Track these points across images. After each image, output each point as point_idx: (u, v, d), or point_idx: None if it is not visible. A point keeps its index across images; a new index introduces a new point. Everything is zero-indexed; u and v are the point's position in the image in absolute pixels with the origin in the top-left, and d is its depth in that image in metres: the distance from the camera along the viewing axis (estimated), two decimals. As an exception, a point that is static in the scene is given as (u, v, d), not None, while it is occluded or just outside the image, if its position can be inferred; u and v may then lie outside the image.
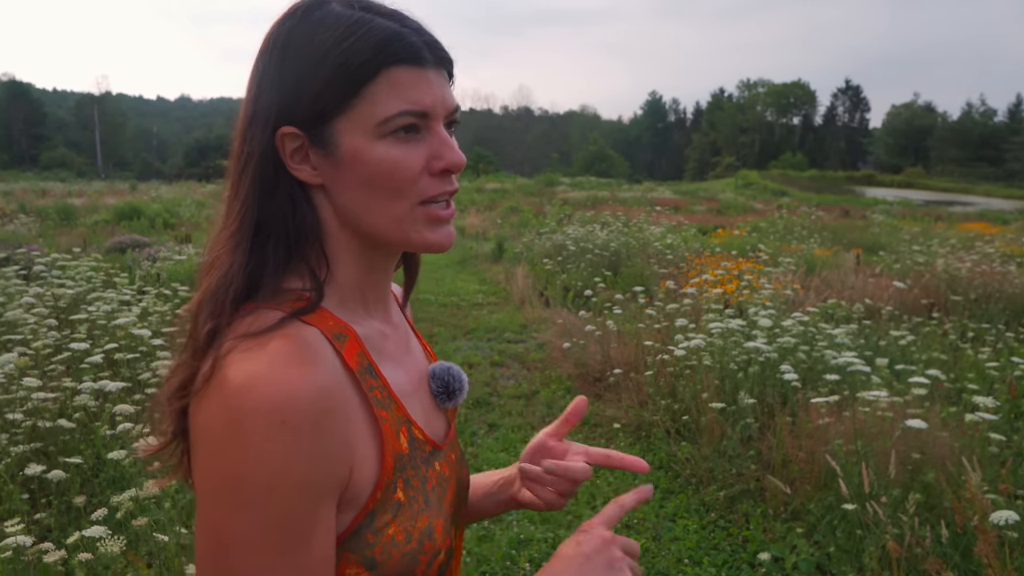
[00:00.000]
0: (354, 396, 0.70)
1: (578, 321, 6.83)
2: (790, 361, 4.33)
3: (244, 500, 0.61)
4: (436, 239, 0.75)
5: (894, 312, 6.22)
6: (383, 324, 0.81)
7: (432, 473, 0.79)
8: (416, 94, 0.70)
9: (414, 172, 0.71)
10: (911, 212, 27.62)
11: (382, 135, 0.70)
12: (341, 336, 0.71)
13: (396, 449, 0.73)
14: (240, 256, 0.71)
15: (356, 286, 0.77)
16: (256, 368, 0.62)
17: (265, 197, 0.72)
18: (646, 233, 12.80)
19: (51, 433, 3.58)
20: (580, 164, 76.76)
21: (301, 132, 0.71)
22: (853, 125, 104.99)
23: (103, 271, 7.18)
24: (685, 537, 3.58)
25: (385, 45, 0.69)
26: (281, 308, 0.69)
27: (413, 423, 0.77)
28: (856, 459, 3.03)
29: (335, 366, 0.68)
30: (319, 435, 0.63)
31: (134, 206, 19.57)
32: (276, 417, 0.61)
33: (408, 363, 0.84)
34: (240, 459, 0.61)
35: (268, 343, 0.65)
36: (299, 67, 0.69)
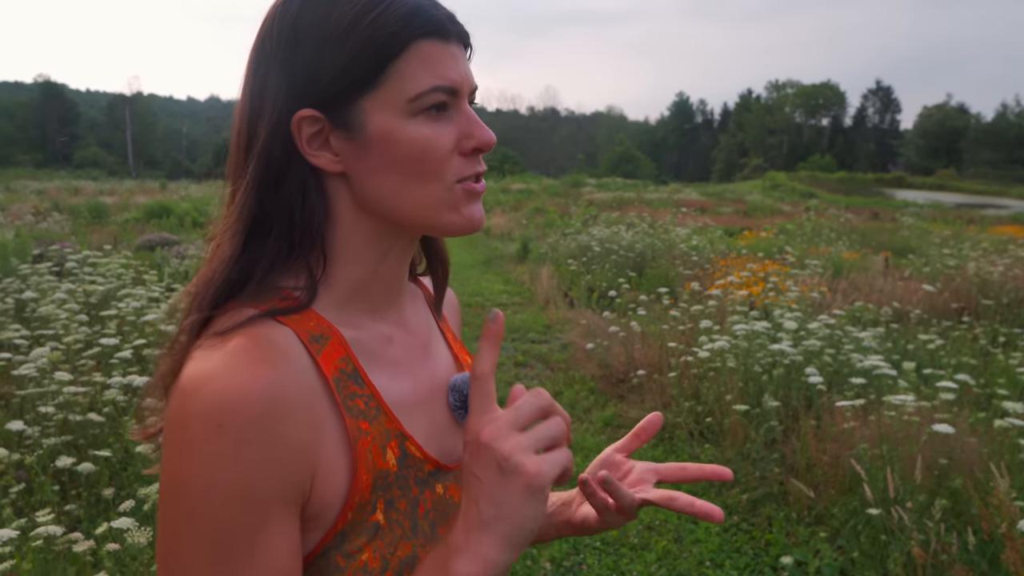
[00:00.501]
0: (325, 404, 0.64)
1: (602, 322, 6.81)
2: (815, 364, 4.29)
3: (182, 506, 0.58)
4: (473, 215, 0.70)
5: (923, 316, 6.14)
6: (392, 327, 0.75)
7: (429, 496, 0.71)
8: (444, 69, 0.66)
9: (445, 152, 0.67)
10: (942, 215, 27.19)
11: (414, 113, 0.66)
12: (321, 338, 0.66)
13: (379, 466, 0.66)
14: (233, 250, 0.67)
15: (360, 284, 0.72)
16: (206, 367, 0.59)
17: (269, 188, 0.67)
18: (672, 234, 12.74)
19: (81, 427, 3.64)
20: (606, 165, 76.56)
21: (321, 115, 0.66)
22: (883, 126, 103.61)
23: (133, 268, 7.30)
24: (707, 540, 3.56)
25: (412, 17, 0.65)
26: (261, 306, 0.65)
27: (408, 438, 0.70)
28: (881, 464, 3.00)
29: (301, 369, 0.63)
30: (264, 441, 0.58)
31: (164, 204, 19.83)
32: (213, 420, 0.57)
33: (420, 372, 0.76)
34: (179, 463, 0.58)
35: (227, 342, 0.61)
36: (317, 45, 0.64)
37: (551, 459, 0.61)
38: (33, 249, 8.52)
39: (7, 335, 4.41)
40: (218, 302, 0.67)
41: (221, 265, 0.67)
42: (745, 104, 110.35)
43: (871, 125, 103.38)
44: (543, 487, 0.59)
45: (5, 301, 5.54)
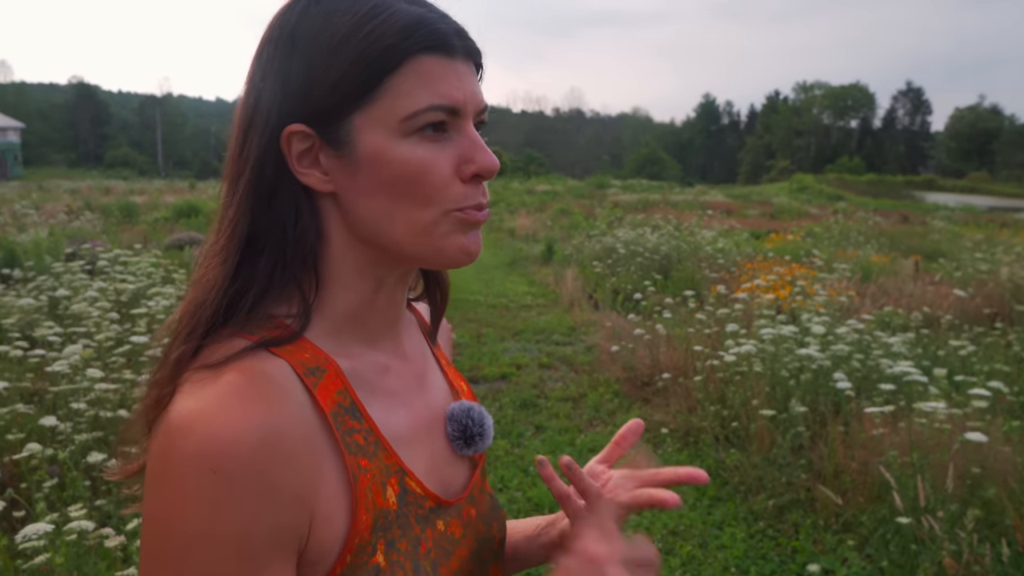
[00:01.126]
0: (323, 442, 0.60)
1: (627, 324, 6.79)
2: (844, 369, 4.24)
3: (168, 554, 0.54)
4: (468, 244, 0.66)
5: (954, 322, 6.05)
6: (389, 356, 0.71)
7: (430, 534, 0.68)
8: (445, 87, 0.62)
9: (443, 176, 0.63)
10: (974, 218, 26.75)
11: (407, 133, 0.61)
12: (317, 371, 0.62)
13: (379, 505, 0.63)
14: (225, 273, 0.62)
15: (355, 311, 0.67)
16: (197, 405, 0.55)
17: (262, 206, 0.63)
18: (697, 237, 12.67)
19: (111, 423, 3.70)
20: (631, 167, 76.37)
21: (312, 131, 0.62)
22: (914, 128, 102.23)
23: (162, 267, 7.40)
24: (732, 545, 3.53)
25: (412, 31, 0.61)
26: (252, 336, 0.61)
27: (408, 474, 0.67)
28: (911, 471, 2.96)
29: (300, 406, 0.59)
30: (261, 486, 0.54)
31: (192, 204, 20.07)
32: (207, 463, 0.53)
33: (417, 402, 0.73)
34: (167, 507, 0.54)
35: (220, 376, 0.57)
36: (310, 56, 0.61)
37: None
38: (66, 247, 8.66)
39: (41, 332, 4.48)
40: (209, 330, 0.62)
41: (212, 289, 0.63)
42: (772, 106, 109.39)
43: (901, 127, 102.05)
44: None
45: (39, 298, 5.65)
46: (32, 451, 2.94)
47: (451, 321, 0.90)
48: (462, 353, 6.89)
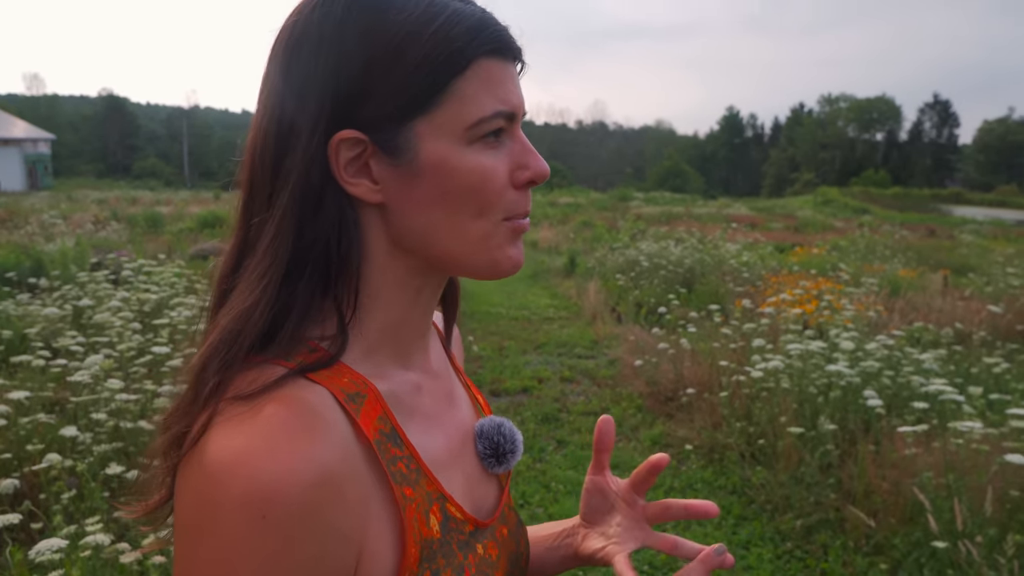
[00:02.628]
0: (368, 473, 0.56)
1: (650, 338, 6.71)
2: (874, 386, 4.14)
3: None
4: (517, 257, 0.64)
5: (986, 338, 5.90)
6: (419, 374, 0.68)
7: (472, 560, 0.65)
8: (506, 92, 0.60)
9: (501, 184, 0.61)
10: (1003, 232, 26.31)
11: (471, 140, 0.59)
12: (357, 397, 0.58)
13: (424, 535, 0.59)
14: (267, 297, 0.57)
15: (391, 328, 0.64)
16: (239, 444, 0.50)
17: (306, 223, 0.58)
18: (721, 250, 12.56)
19: (132, 434, 3.69)
20: (654, 179, 76.10)
21: (365, 137, 0.58)
22: (941, 141, 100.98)
23: (186, 277, 7.44)
24: (759, 566, 3.44)
25: (478, 31, 0.58)
26: (289, 363, 0.56)
27: (449, 499, 0.63)
28: (947, 493, 2.86)
29: (344, 437, 0.55)
30: (313, 530, 0.50)
31: (216, 214, 20.26)
32: (256, 511, 0.49)
33: (448, 422, 0.70)
34: (213, 557, 0.50)
35: (260, 410, 0.52)
36: (366, 56, 0.56)
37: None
38: (91, 257, 8.75)
39: (64, 342, 4.50)
40: (243, 356, 0.57)
41: (250, 315, 0.57)
42: (797, 118, 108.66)
43: (927, 140, 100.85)
44: None
45: (63, 308, 5.68)
46: (51, 462, 2.93)
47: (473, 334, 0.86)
48: (484, 366, 6.84)
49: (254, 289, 0.58)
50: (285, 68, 0.59)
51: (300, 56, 0.58)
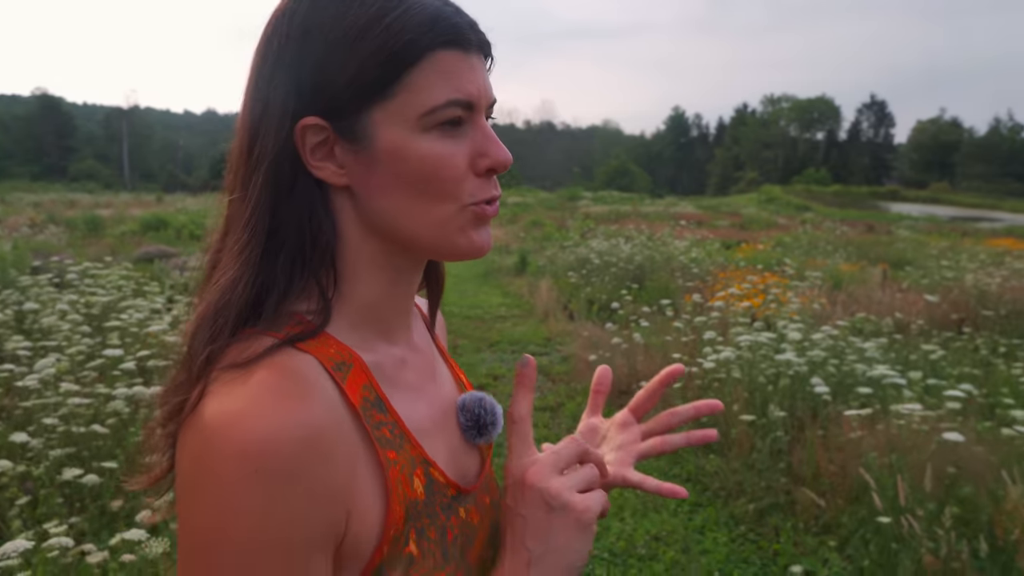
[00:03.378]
0: (355, 435, 0.60)
1: (604, 334, 6.81)
2: (820, 375, 4.30)
3: (215, 559, 0.53)
4: (480, 240, 0.67)
5: (924, 327, 6.16)
6: (404, 349, 0.72)
7: (455, 521, 0.69)
8: (462, 82, 0.62)
9: (459, 171, 0.63)
10: (937, 228, 27.33)
11: (426, 128, 0.61)
12: (343, 365, 0.62)
13: (408, 496, 0.63)
14: (247, 272, 0.61)
15: (373, 306, 0.68)
16: (233, 405, 0.54)
17: (278, 203, 0.62)
18: (670, 247, 12.78)
19: (84, 438, 3.62)
20: (602, 179, 76.83)
21: (327, 123, 0.61)
22: (878, 141, 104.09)
23: (133, 280, 7.29)
24: (715, 550, 3.55)
25: (432, 24, 0.61)
26: (277, 334, 0.60)
27: (432, 464, 0.67)
28: (890, 472, 3.01)
29: (332, 401, 0.59)
30: (303, 484, 0.54)
31: (160, 217, 19.85)
32: (250, 464, 0.52)
33: (432, 393, 0.74)
34: (210, 514, 0.53)
35: (252, 375, 0.56)
36: (327, 48, 0.60)
37: (595, 496, 0.67)
38: (32, 261, 8.50)
39: (10, 346, 4.39)
40: (236, 330, 0.61)
41: (233, 291, 0.61)
42: (741, 118, 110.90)
43: (865, 139, 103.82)
44: (591, 522, 0.65)
45: (5, 312, 5.53)
46: (2, 468, 2.87)
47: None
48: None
49: (235, 264, 0.62)
50: (261, 60, 0.64)
51: (272, 49, 0.63)
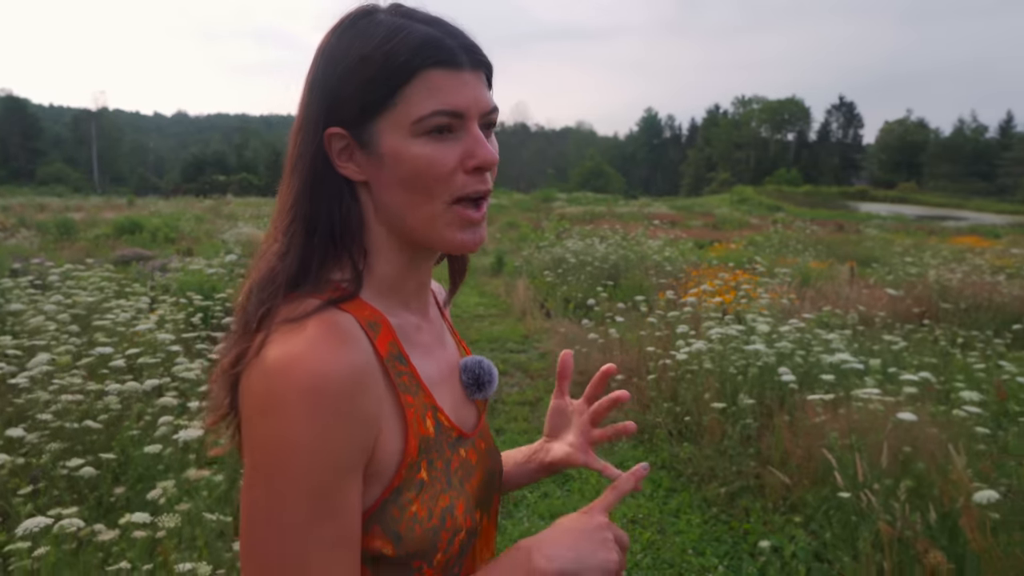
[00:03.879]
0: (383, 380, 0.74)
1: (580, 331, 7.00)
2: (787, 365, 4.51)
3: (287, 473, 0.66)
4: (466, 239, 0.79)
5: (887, 320, 6.42)
6: (419, 317, 0.86)
7: (456, 459, 0.83)
8: (450, 95, 0.74)
9: (447, 170, 0.75)
10: (904, 226, 27.93)
11: (417, 134, 0.74)
12: (375, 325, 0.76)
13: (421, 432, 0.77)
14: (290, 247, 0.77)
15: (394, 280, 0.82)
16: (294, 350, 0.67)
17: (314, 193, 0.77)
18: (644, 246, 13.01)
19: (78, 434, 3.72)
20: (576, 180, 77.19)
21: (346, 132, 0.76)
22: (847, 141, 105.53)
23: (115, 282, 7.35)
24: (688, 530, 3.74)
25: (422, 48, 0.73)
26: (321, 296, 0.74)
27: (440, 410, 0.81)
28: (850, 452, 3.21)
29: (367, 350, 0.73)
30: (349, 412, 0.68)
31: (134, 220, 19.71)
32: (310, 395, 0.65)
33: (440, 355, 0.89)
34: (279, 430, 0.66)
35: (305, 327, 0.70)
36: (343, 71, 0.75)
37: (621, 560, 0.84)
38: (10, 263, 8.51)
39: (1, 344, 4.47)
40: (283, 292, 0.75)
41: (281, 260, 0.77)
42: (713, 119, 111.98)
43: (835, 140, 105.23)
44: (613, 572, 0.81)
45: (-10, 314, 5.58)
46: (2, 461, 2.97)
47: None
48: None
49: (282, 239, 0.78)
50: (306, 83, 0.80)
51: (311, 73, 0.79)
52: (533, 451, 1.06)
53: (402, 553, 0.74)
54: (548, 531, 0.81)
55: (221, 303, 6.08)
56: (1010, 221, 37.53)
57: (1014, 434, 3.67)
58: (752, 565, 3.37)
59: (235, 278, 7.79)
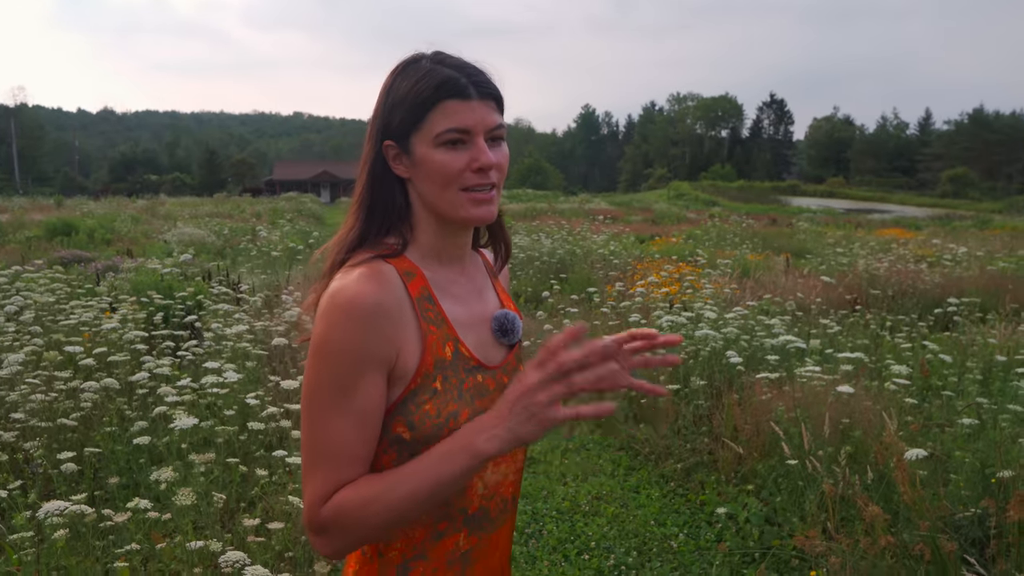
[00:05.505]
0: (411, 313, 1.02)
1: (534, 323, 7.24)
2: (734, 348, 4.83)
3: (325, 357, 0.97)
4: (476, 213, 1.06)
5: (822, 307, 6.84)
6: (456, 274, 1.13)
7: (471, 381, 1.07)
8: (460, 118, 1.02)
9: (457, 169, 1.03)
10: (834, 220, 29.06)
11: (437, 145, 1.02)
12: (410, 274, 1.05)
13: (439, 354, 1.03)
14: (357, 222, 1.09)
15: (432, 245, 1.10)
16: (343, 283, 0.99)
17: (374, 186, 1.09)
18: (589, 241, 13.35)
19: (52, 432, 3.77)
20: (516, 177, 77.40)
21: (395, 144, 1.06)
22: (778, 137, 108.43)
23: (66, 283, 7.28)
24: (649, 504, 4.02)
25: (442, 85, 1.02)
26: (374, 251, 1.06)
27: (460, 341, 1.07)
28: (796, 424, 3.52)
29: (398, 288, 1.02)
30: (371, 327, 0.97)
31: (67, 222, 19.14)
32: (344, 311, 0.96)
33: (475, 304, 1.14)
34: (325, 334, 0.97)
35: (355, 270, 1.01)
36: (394, 101, 1.06)
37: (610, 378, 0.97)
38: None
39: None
40: (351, 251, 1.08)
41: (349, 231, 1.10)
42: (649, 116, 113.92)
43: (767, 136, 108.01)
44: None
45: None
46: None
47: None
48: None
49: (351, 219, 1.11)
50: (375, 106, 1.11)
51: (378, 100, 1.10)
52: None
53: (416, 438, 1.01)
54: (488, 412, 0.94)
55: (182, 301, 6.12)
56: (930, 214, 39.45)
57: (936, 405, 4.06)
58: (710, 531, 3.66)
59: (190, 278, 7.80)
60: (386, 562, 1.07)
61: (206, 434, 3.46)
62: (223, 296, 6.50)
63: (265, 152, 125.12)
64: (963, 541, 2.68)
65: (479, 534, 1.11)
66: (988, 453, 2.95)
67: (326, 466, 0.98)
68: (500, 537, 1.16)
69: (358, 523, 0.96)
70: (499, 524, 1.15)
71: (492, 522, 1.13)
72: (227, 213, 27.28)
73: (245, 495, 3.44)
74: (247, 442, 3.77)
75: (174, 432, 3.01)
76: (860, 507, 2.73)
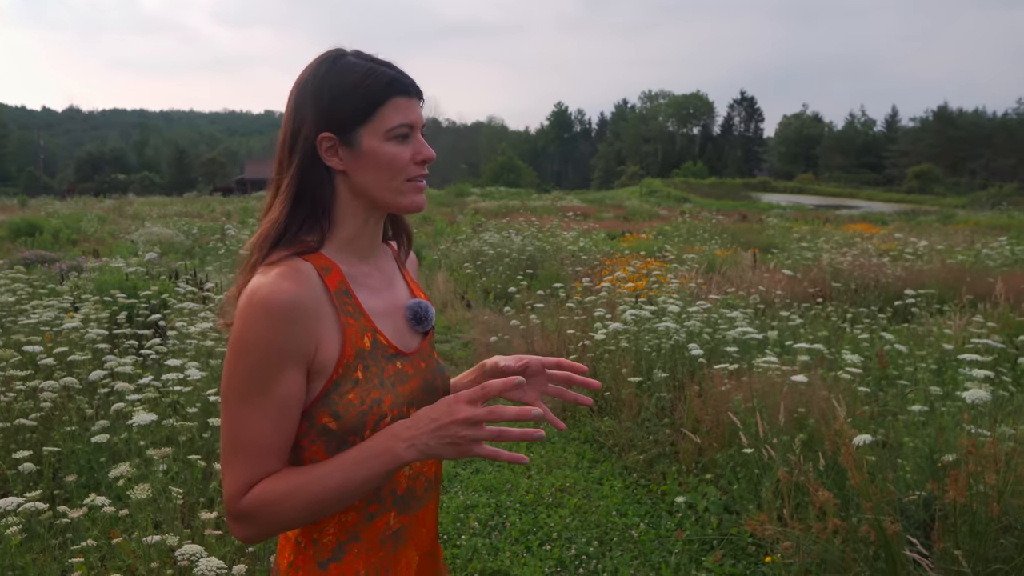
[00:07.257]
0: (329, 308, 1.06)
1: (501, 319, 7.28)
2: (697, 341, 4.90)
3: (240, 354, 1.01)
4: (419, 201, 1.14)
5: (785, 300, 6.95)
6: (371, 267, 1.18)
7: (391, 368, 1.12)
8: (408, 114, 1.10)
9: (404, 160, 1.10)
10: (803, 215, 29.40)
11: (388, 138, 1.09)
12: (326, 269, 1.09)
13: (358, 345, 1.08)
14: (282, 216, 1.10)
15: (351, 239, 1.14)
16: (261, 281, 1.02)
17: (302, 178, 1.10)
18: (559, 238, 13.42)
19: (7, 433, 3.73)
20: (489, 174, 77.27)
21: (334, 136, 1.08)
22: (749, 134, 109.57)
23: (28, 283, 7.19)
24: (612, 495, 4.07)
25: (392, 83, 1.09)
26: (291, 250, 1.08)
27: (378, 331, 1.12)
28: (753, 414, 3.59)
29: (315, 286, 1.05)
30: (287, 324, 1.00)
31: (31, 222, 18.82)
32: (262, 309, 0.99)
33: (388, 295, 1.19)
34: (242, 331, 1.00)
35: (273, 268, 1.04)
36: (335, 94, 1.08)
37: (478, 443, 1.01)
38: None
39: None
40: (272, 248, 1.10)
41: (273, 225, 1.11)
42: (621, 114, 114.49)
43: (737, 133, 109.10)
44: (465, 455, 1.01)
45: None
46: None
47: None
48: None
49: (276, 210, 1.11)
50: (296, 97, 1.12)
51: (302, 92, 1.11)
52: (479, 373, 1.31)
53: (343, 427, 1.05)
54: (412, 419, 1.02)
55: (146, 300, 6.07)
56: (896, 209, 40.08)
57: (892, 394, 4.15)
58: (670, 520, 3.72)
59: (156, 277, 7.73)
60: (321, 548, 1.10)
61: (168, 432, 3.46)
62: (189, 295, 6.46)
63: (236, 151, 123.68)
64: (908, 523, 2.76)
65: (408, 513, 1.16)
66: (936, 439, 3.03)
67: (244, 458, 1.02)
68: (427, 514, 1.21)
69: (278, 513, 1.02)
70: (425, 502, 1.19)
71: (419, 500, 1.17)
72: (196, 212, 27.04)
73: (206, 491, 3.44)
74: (211, 439, 3.77)
75: (132, 429, 3.00)
76: (812, 493, 2.80)
